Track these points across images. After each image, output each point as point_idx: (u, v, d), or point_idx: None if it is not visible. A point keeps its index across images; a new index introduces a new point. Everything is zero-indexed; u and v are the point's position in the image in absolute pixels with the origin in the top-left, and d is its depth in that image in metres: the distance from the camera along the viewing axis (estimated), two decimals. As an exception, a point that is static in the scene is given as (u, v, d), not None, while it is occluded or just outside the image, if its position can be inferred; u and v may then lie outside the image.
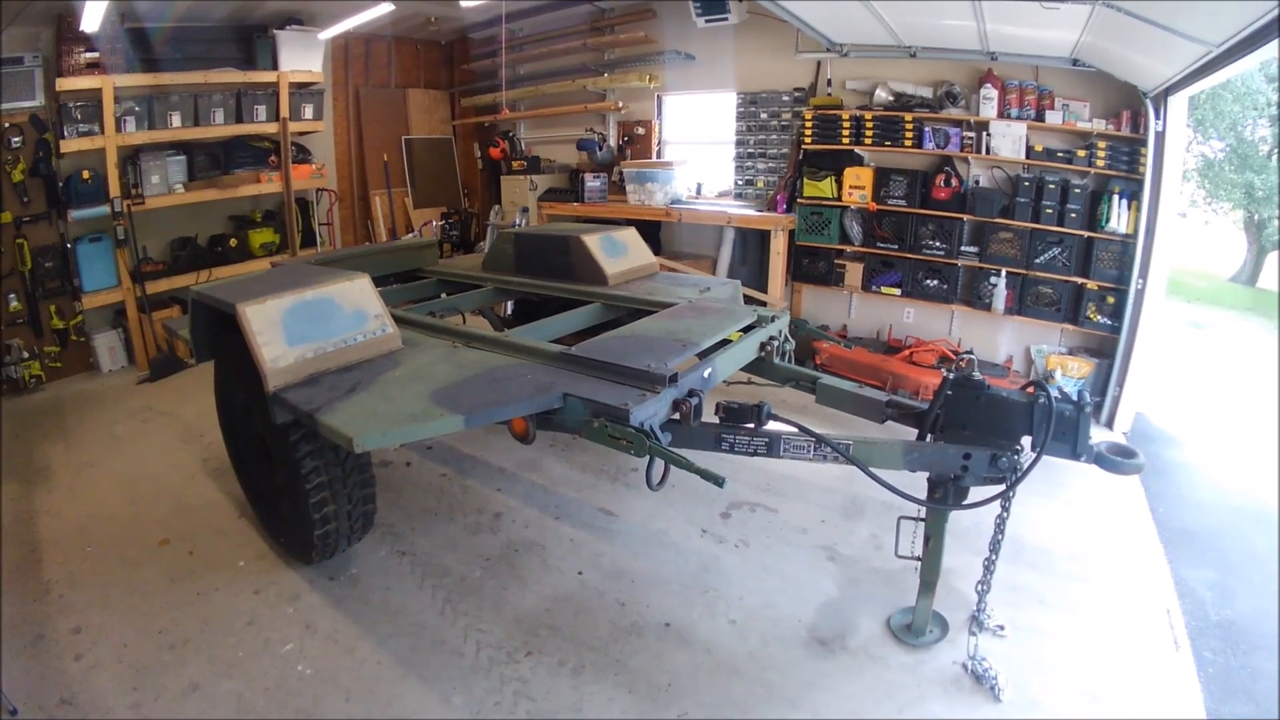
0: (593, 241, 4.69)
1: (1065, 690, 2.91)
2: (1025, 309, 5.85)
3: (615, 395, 2.76)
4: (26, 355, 5.88)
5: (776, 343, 3.81)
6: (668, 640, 3.22)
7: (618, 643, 3.21)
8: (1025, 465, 2.70)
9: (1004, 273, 5.83)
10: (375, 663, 3.17)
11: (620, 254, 4.81)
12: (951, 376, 2.84)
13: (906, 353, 6.18)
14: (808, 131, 6.51)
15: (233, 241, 6.81)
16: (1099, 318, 5.53)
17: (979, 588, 3.06)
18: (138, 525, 4.23)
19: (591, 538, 4.08)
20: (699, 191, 7.45)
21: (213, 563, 3.89)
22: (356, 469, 3.54)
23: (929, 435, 2.97)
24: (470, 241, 8.91)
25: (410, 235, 8.16)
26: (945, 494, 2.86)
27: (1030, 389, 2.76)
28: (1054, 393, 2.66)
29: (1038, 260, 5.70)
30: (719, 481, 2.49)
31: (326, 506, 3.45)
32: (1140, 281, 5.21)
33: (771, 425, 2.98)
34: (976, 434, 2.78)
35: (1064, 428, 2.66)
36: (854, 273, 6.52)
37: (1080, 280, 5.55)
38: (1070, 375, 5.73)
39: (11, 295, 5.84)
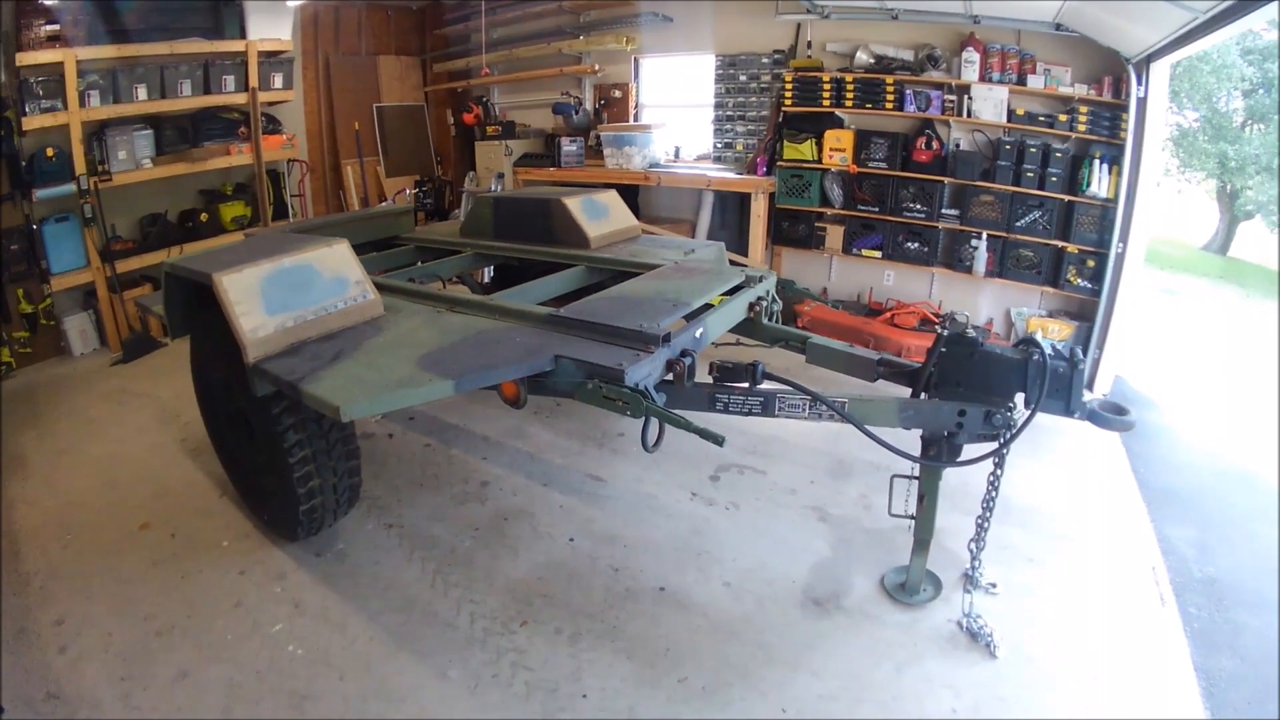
0: (574, 204, 4.53)
1: (1059, 646, 2.89)
2: (1006, 271, 5.81)
3: (608, 356, 2.65)
4: None
5: (765, 303, 3.70)
6: (663, 605, 3.14)
7: (613, 609, 3.13)
8: (1019, 422, 2.66)
9: (984, 235, 5.78)
10: (367, 639, 3.04)
11: (602, 216, 4.66)
12: (946, 333, 2.77)
13: (888, 315, 6.11)
14: (788, 94, 6.34)
15: (204, 216, 6.52)
16: (1079, 281, 5.50)
17: (971, 546, 3.03)
18: (117, 511, 4.03)
19: (581, 504, 3.97)
20: (677, 155, 7.25)
21: (196, 545, 3.71)
22: (341, 441, 3.38)
23: (923, 393, 2.88)
24: (445, 209, 8.66)
25: (384, 204, 7.91)
26: (939, 451, 2.82)
27: (1023, 346, 2.68)
28: (1047, 349, 2.60)
29: (1018, 223, 5.64)
30: (719, 440, 2.41)
31: (311, 481, 3.29)
32: (1120, 246, 5.17)
33: (766, 384, 2.88)
34: (969, 391, 2.72)
35: (1058, 384, 2.61)
36: (834, 235, 6.41)
37: (1061, 244, 5.51)
38: (1051, 338, 5.62)
39: None
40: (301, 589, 3.37)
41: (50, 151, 5.64)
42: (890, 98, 5.98)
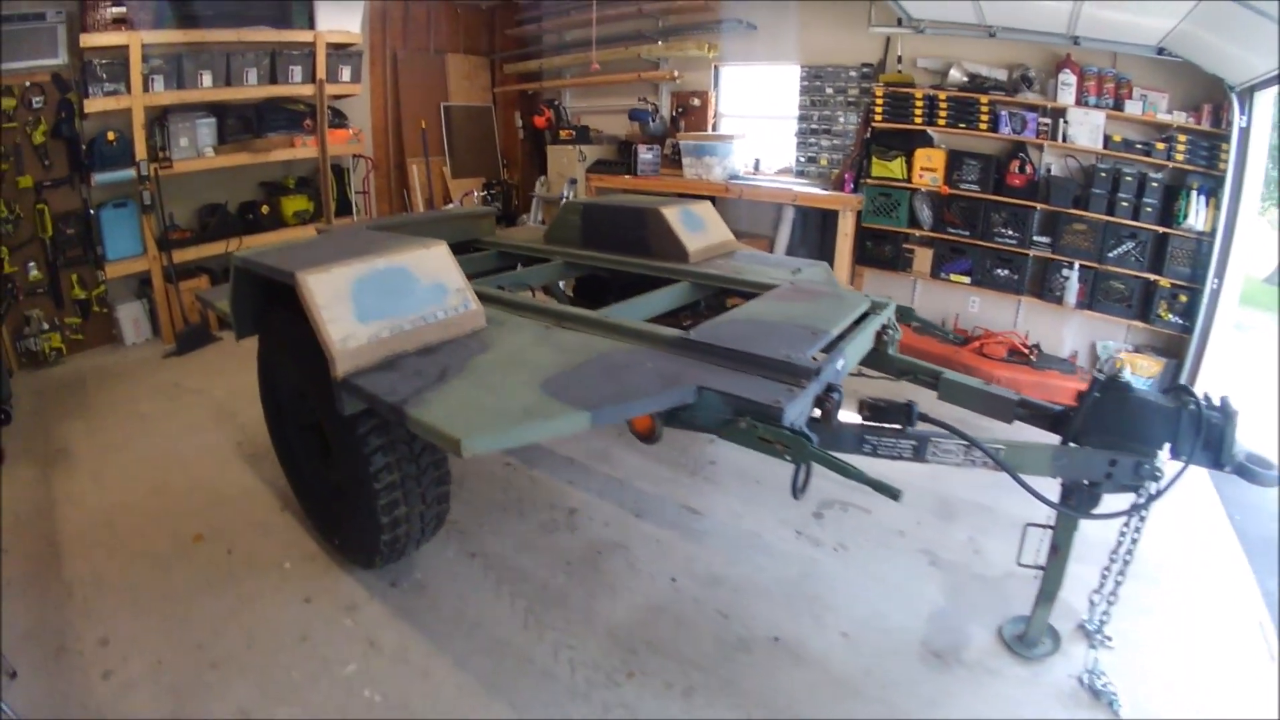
0: (672, 215, 4.12)
1: (1177, 704, 2.65)
2: (1096, 304, 5.41)
3: (758, 390, 2.25)
4: (46, 327, 5.27)
5: (891, 332, 3.29)
6: (779, 657, 2.80)
7: (726, 660, 2.77)
8: (1165, 474, 2.42)
9: (1076, 265, 5.38)
10: (455, 687, 2.67)
11: (699, 229, 4.26)
12: (1101, 378, 2.51)
13: (977, 343, 5.67)
14: (878, 109, 5.92)
15: (265, 208, 6.18)
16: (1170, 316, 5.11)
17: (1093, 597, 2.77)
18: (168, 518, 3.66)
19: (679, 538, 3.57)
20: (757, 167, 6.85)
21: (255, 564, 3.34)
22: (433, 465, 2.98)
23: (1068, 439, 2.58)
24: (512, 214, 8.29)
25: (451, 205, 7.54)
26: (1079, 501, 2.58)
27: (1174, 394, 2.47)
28: (1200, 398, 2.41)
29: (1110, 254, 5.25)
30: (895, 495, 2.10)
31: (398, 509, 2.89)
32: (1216, 281, 4.83)
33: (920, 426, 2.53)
34: (1117, 439, 2.49)
35: (1211, 436, 2.40)
36: (923, 258, 5.99)
37: (1153, 277, 5.12)
38: (1140, 374, 5.27)
39: (31, 264, 5.20)
40: (376, 624, 2.97)
41: (111, 135, 5.32)
42: (984, 118, 5.58)
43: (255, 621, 2.98)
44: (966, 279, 5.86)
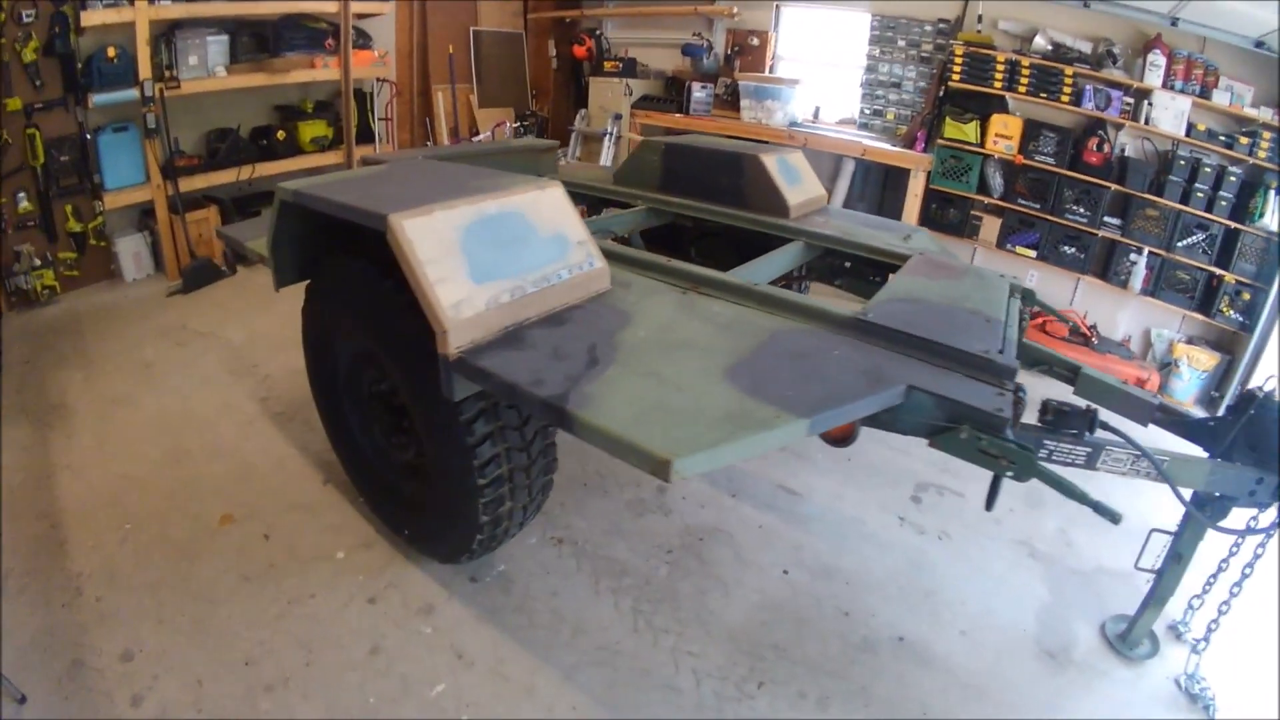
0: (771, 163, 3.50)
1: (1270, 710, 2.47)
2: (1159, 291, 5.05)
3: (973, 393, 1.84)
4: (38, 263, 4.39)
5: (1024, 319, 2.80)
6: (905, 658, 2.48)
7: (854, 664, 2.43)
8: None
9: (1146, 250, 4.99)
10: (568, 706, 2.19)
11: (797, 181, 3.65)
12: (1261, 394, 2.31)
13: (1039, 321, 5.17)
14: (956, 68, 5.28)
15: (280, 134, 5.31)
16: (1231, 312, 4.83)
17: (1193, 602, 2.67)
18: (188, 493, 3.00)
19: (781, 524, 3.11)
20: (816, 116, 6.13)
21: (299, 553, 2.72)
22: (543, 453, 2.36)
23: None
24: None
25: (481, 136, 6.70)
26: (1212, 512, 2.40)
27: None
28: None
29: (1180, 243, 4.89)
30: (1117, 519, 1.84)
31: (504, 504, 2.28)
32: None
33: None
34: (1262, 457, 2.28)
35: None
36: (990, 227, 5.43)
37: (1219, 271, 4.81)
38: (1196, 367, 4.99)
39: (21, 194, 4.32)
40: (460, 630, 2.43)
41: (112, 52, 4.40)
42: (1067, 90, 5.02)
43: (311, 629, 2.39)
44: (1032, 253, 5.34)
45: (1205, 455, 2.31)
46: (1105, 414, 2.27)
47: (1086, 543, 3.15)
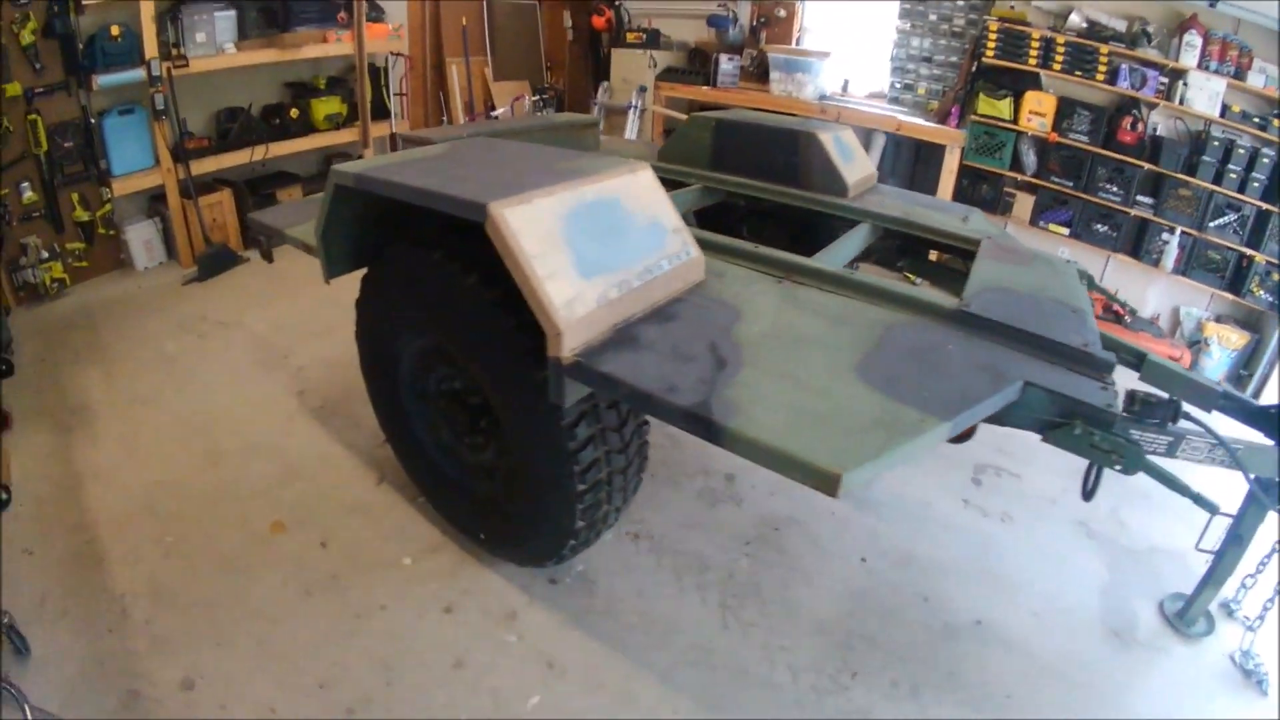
0: (828, 140, 3.27)
1: None
2: (1190, 271, 4.96)
3: (1083, 389, 1.78)
4: (46, 255, 4.04)
5: None
6: (986, 642, 2.42)
7: (939, 650, 2.37)
8: None
9: (1179, 230, 4.89)
10: (670, 711, 2.08)
11: (850, 159, 3.44)
12: None
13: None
14: (990, 44, 5.07)
15: (293, 112, 4.96)
16: (1260, 293, 4.77)
17: (1246, 581, 2.62)
18: (230, 498, 2.76)
19: (852, 510, 2.99)
20: (845, 89, 5.88)
21: (362, 561, 2.51)
22: (638, 451, 2.19)
23: None
24: None
25: (500, 111, 6.36)
26: (1273, 496, 2.33)
27: None
28: None
29: (1211, 224, 4.81)
30: (1215, 509, 1.96)
31: (601, 508, 2.10)
32: None
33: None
34: None
35: None
36: (1024, 204, 5.27)
37: (1249, 252, 4.75)
38: (1227, 346, 4.92)
39: (24, 184, 3.97)
40: (547, 636, 2.26)
41: (115, 30, 4.04)
42: (1102, 69, 4.86)
43: (387, 645, 2.20)
44: (1065, 230, 5.20)
45: (1270, 443, 2.22)
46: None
47: (1138, 522, 3.10)
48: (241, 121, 4.71)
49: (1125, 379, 2.03)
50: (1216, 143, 4.67)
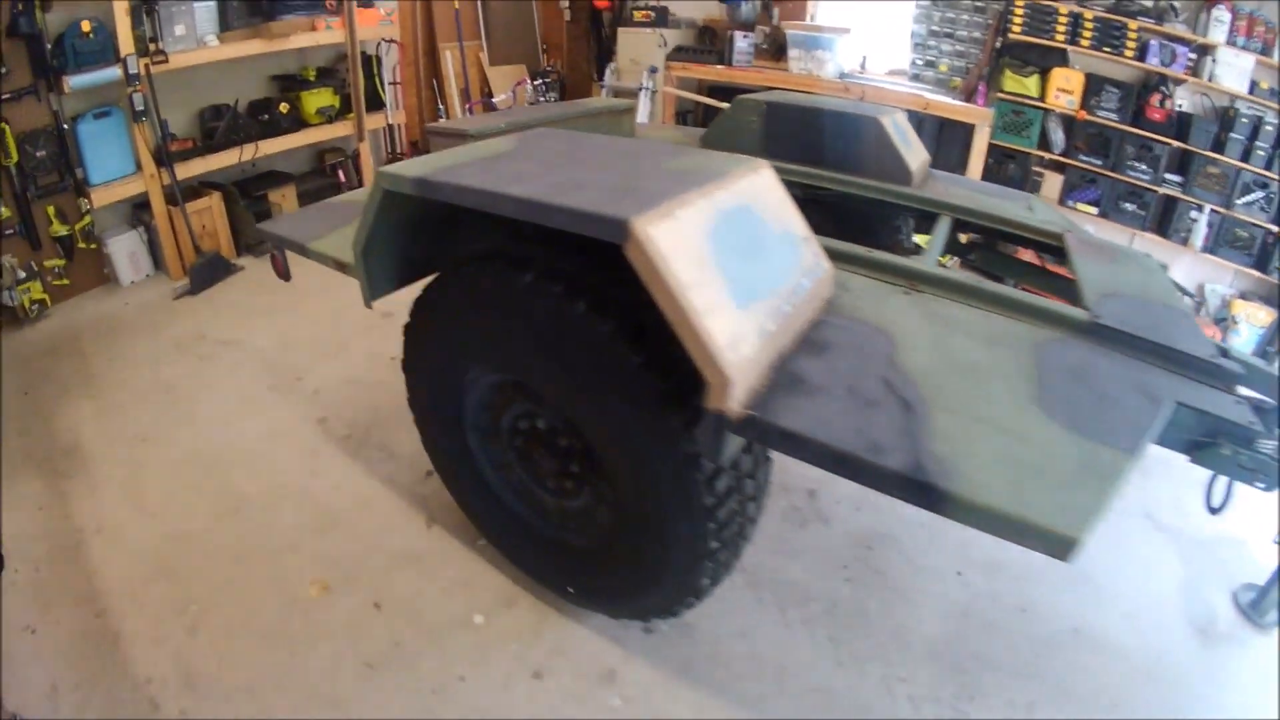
0: (889, 124, 2.94)
1: None
2: (1218, 248, 4.76)
3: (1224, 405, 1.59)
4: (23, 275, 3.50)
5: None
6: (1085, 649, 2.28)
7: (1046, 662, 2.21)
8: None
9: (1208, 209, 4.68)
10: None
11: (908, 144, 3.11)
12: None
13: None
14: (1016, 19, 4.76)
15: (283, 107, 4.45)
16: None
17: None
18: (259, 555, 2.36)
19: (939, 520, 2.68)
20: (863, 66, 5.51)
21: (427, 622, 2.15)
22: (758, 492, 1.84)
23: None
24: None
25: (501, 97, 5.87)
26: None
27: None
28: None
29: (1239, 201, 4.61)
30: None
31: (725, 560, 1.77)
32: None
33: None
34: None
35: None
36: (1051, 183, 4.97)
37: (1277, 229, 4.56)
38: (1254, 323, 4.74)
39: None
40: (654, 695, 1.97)
41: (87, 27, 3.49)
42: (1131, 45, 4.59)
43: (473, 727, 1.83)
44: (1093, 209, 4.91)
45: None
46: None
47: (1199, 510, 3.02)
48: (228, 119, 4.19)
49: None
50: (1245, 120, 4.44)
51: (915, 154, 3.09)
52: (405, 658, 2.03)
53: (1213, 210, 4.66)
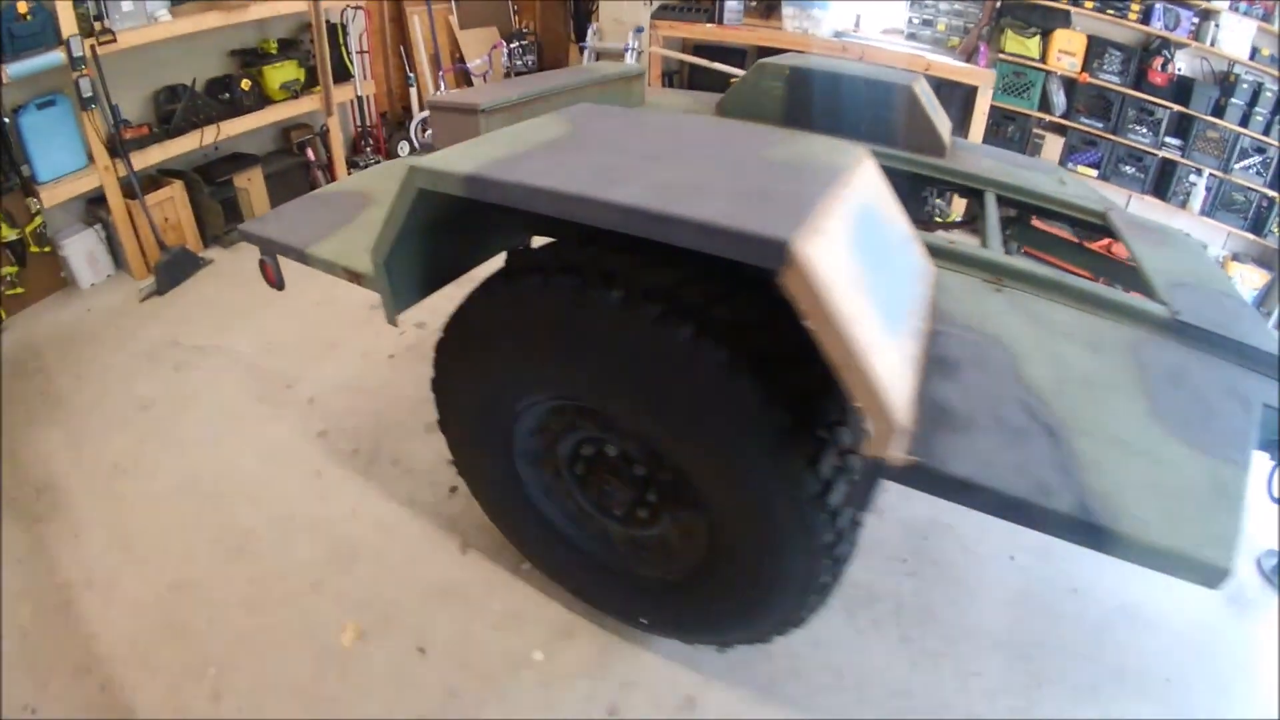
0: (920, 92, 2.73)
1: None
2: (1215, 212, 4.77)
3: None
4: None
5: None
6: (1135, 627, 2.26)
7: (1101, 643, 2.20)
8: None
9: (1207, 172, 4.68)
10: None
11: (936, 112, 2.93)
12: None
13: (1105, 244, 4.77)
14: (1019, -22, 4.57)
15: (244, 83, 3.97)
16: None
17: None
18: (276, 599, 2.11)
19: None
20: (857, 25, 5.23)
21: (478, 664, 1.94)
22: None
23: None
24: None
25: (477, 62, 5.40)
26: None
27: None
28: None
29: (1237, 165, 4.61)
30: None
31: (830, 586, 1.59)
32: None
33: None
34: None
35: None
36: (1053, 145, 4.86)
37: (1273, 193, 4.59)
38: (1249, 285, 4.77)
39: None
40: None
41: (23, 8, 2.99)
42: (1136, 7, 4.49)
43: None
44: (1094, 172, 4.82)
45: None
46: None
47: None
48: (185, 101, 3.74)
49: None
50: (1245, 85, 4.42)
51: (943, 122, 2.91)
52: (464, 708, 1.82)
53: (1211, 174, 4.65)
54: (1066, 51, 4.64)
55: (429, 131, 5.42)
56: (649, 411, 1.41)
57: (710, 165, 1.31)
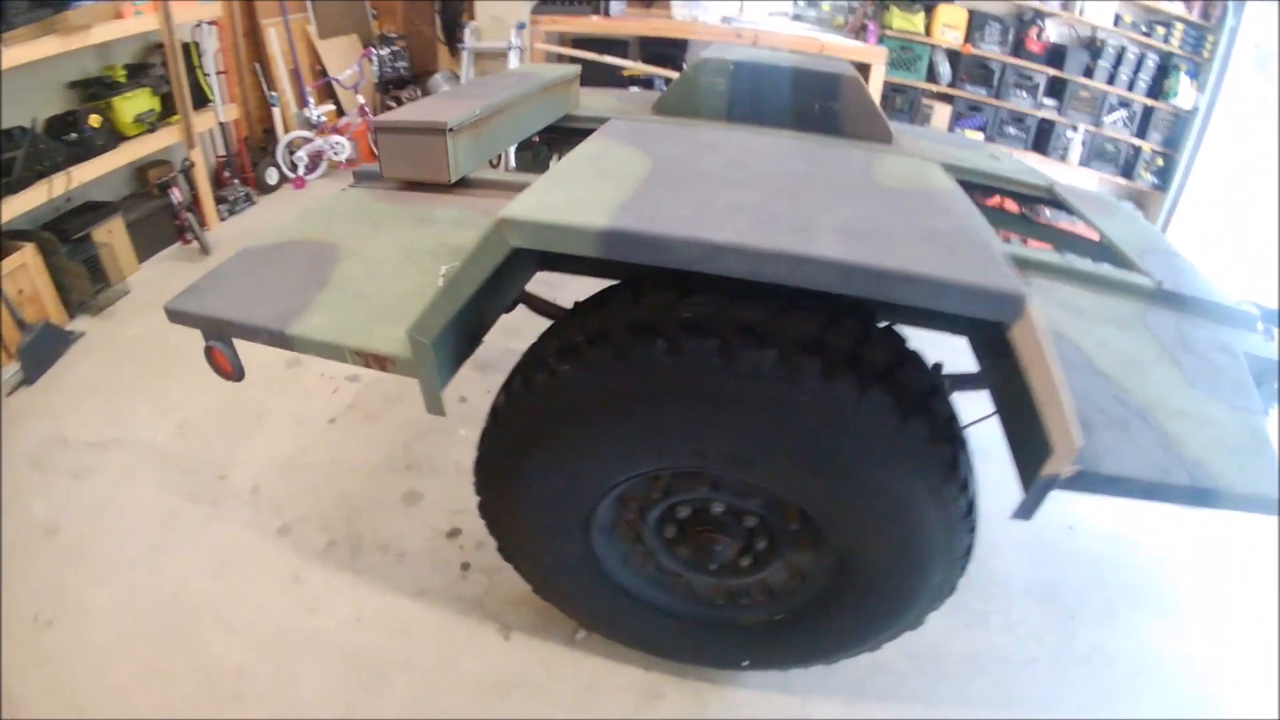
0: (861, 80, 2.71)
1: None
2: (1090, 162, 5.31)
3: (1262, 347, 1.72)
4: None
5: None
6: (1127, 550, 2.51)
7: (1103, 569, 2.44)
8: None
9: (1081, 128, 5.20)
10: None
11: (875, 98, 2.95)
12: None
13: (997, 200, 5.09)
14: (900, -42, 4.73)
15: (93, 119, 3.29)
16: (1148, 175, 5.29)
17: None
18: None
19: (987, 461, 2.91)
20: (741, 10, 5.15)
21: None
22: None
23: None
24: (420, 78, 5.75)
25: (348, 72, 4.94)
26: None
27: None
28: None
29: (1106, 119, 5.17)
30: None
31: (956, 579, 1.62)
32: (1194, 150, 5.10)
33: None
34: None
35: None
36: (941, 113, 5.19)
37: (1139, 142, 5.21)
38: None
39: None
40: None
41: None
42: None
43: None
44: (980, 135, 5.18)
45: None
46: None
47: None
48: (25, 146, 3.05)
49: None
50: (1111, 49, 4.93)
51: (881, 108, 2.91)
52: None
53: (1085, 129, 5.15)
54: (950, 25, 4.93)
55: (297, 154, 4.87)
56: (805, 470, 1.30)
57: (844, 199, 1.20)
